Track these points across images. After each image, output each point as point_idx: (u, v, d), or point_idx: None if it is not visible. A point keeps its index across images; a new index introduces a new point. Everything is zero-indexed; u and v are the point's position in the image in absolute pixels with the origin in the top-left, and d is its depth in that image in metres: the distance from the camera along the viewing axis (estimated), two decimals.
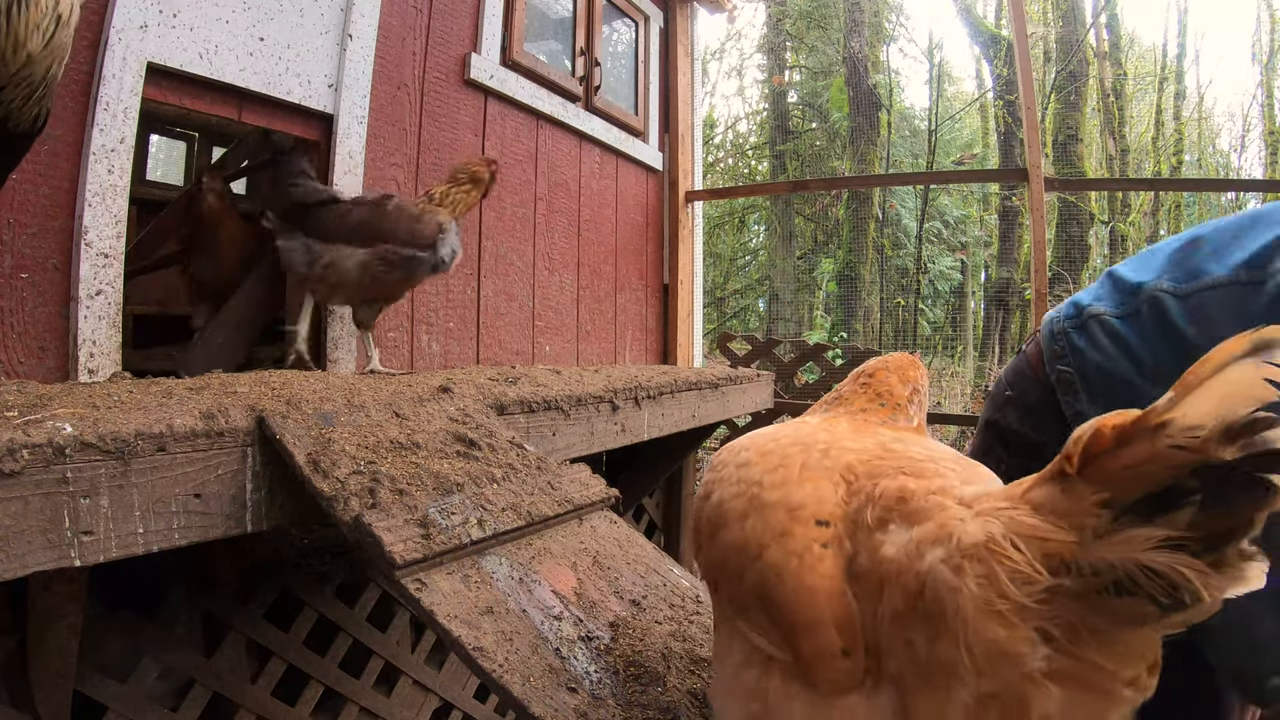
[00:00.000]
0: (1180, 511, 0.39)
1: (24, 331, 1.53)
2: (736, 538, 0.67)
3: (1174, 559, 0.39)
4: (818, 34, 13.18)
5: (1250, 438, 0.37)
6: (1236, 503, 0.38)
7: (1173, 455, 0.39)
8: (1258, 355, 0.38)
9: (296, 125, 2.15)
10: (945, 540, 0.50)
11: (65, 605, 1.33)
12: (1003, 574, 0.45)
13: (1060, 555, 0.44)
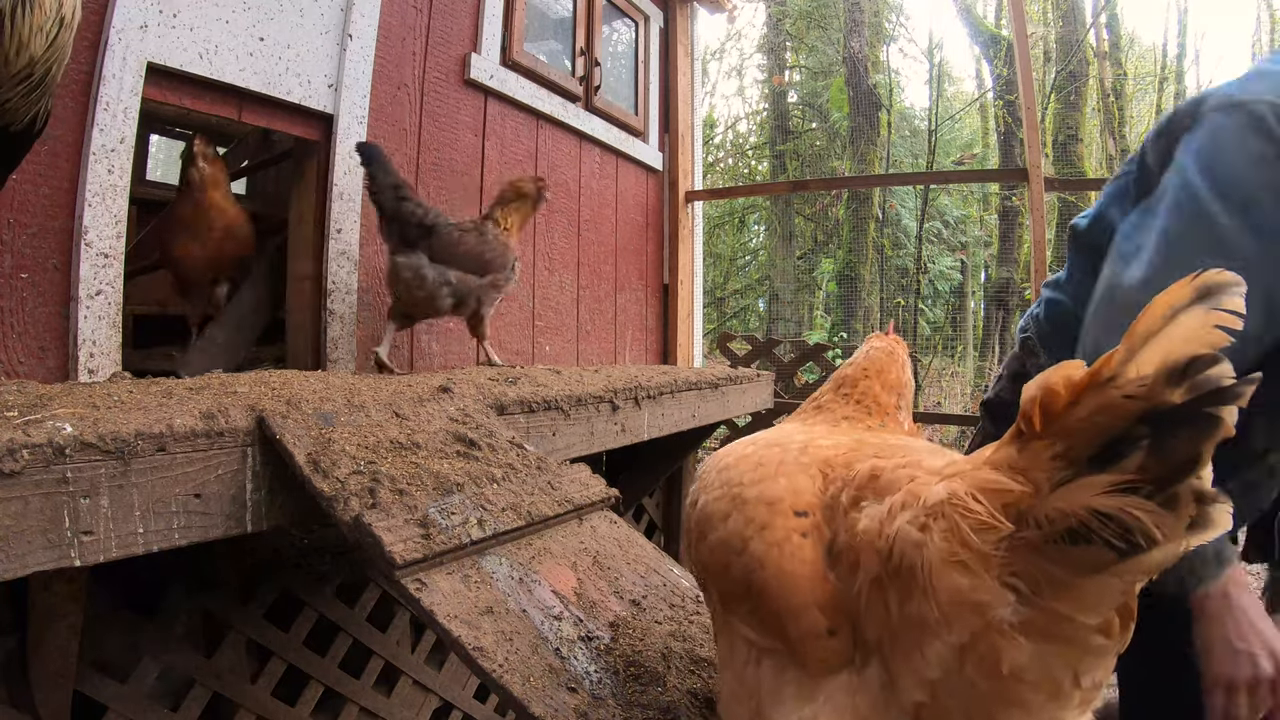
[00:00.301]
0: (1129, 458, 0.40)
1: (24, 331, 1.53)
2: (721, 536, 0.69)
3: (1122, 501, 0.40)
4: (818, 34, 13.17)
5: (1194, 378, 0.38)
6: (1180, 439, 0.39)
7: (1123, 405, 0.40)
8: (1203, 301, 0.39)
9: (296, 125, 2.15)
10: (913, 503, 0.52)
11: (65, 605, 1.33)
12: (964, 525, 0.46)
13: (1017, 506, 0.45)
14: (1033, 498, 0.44)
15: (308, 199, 2.24)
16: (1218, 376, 0.38)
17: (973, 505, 0.46)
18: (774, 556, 0.62)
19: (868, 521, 0.57)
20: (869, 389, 0.89)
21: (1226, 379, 0.38)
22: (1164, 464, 0.39)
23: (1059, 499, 0.43)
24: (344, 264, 2.23)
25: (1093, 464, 0.42)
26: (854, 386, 0.90)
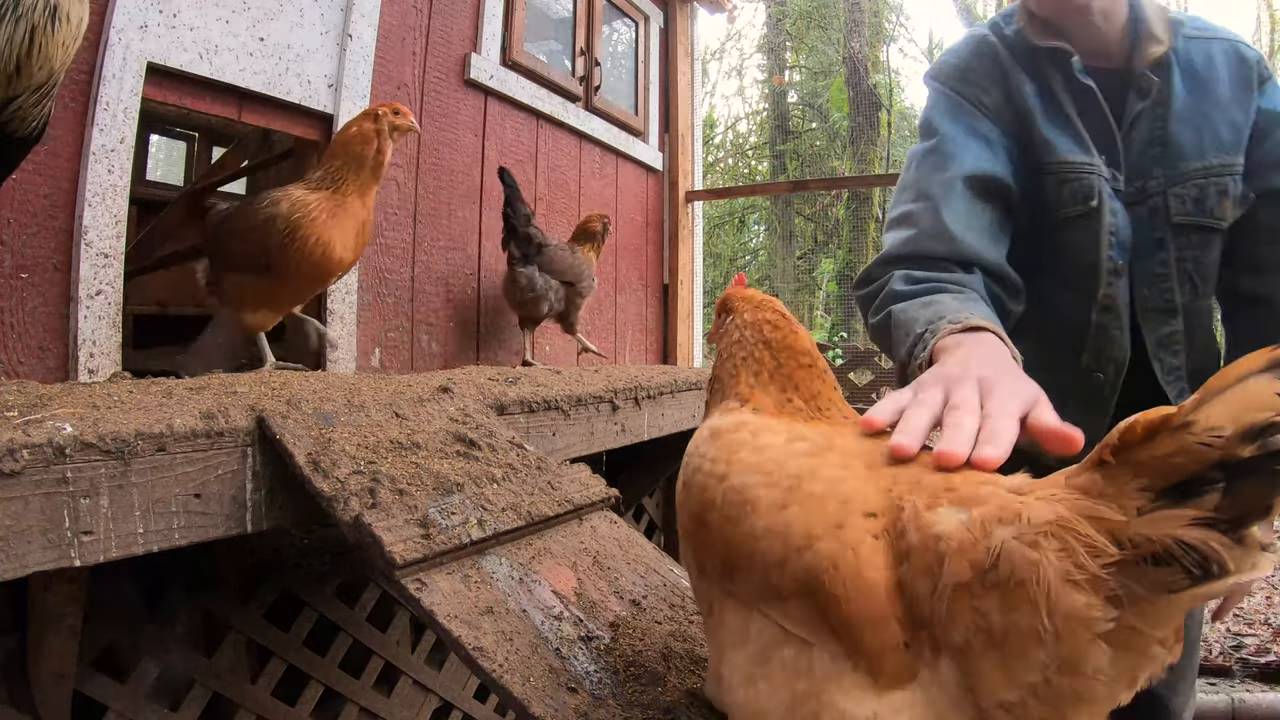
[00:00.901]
0: (1207, 496, 0.47)
1: (24, 331, 1.53)
2: (772, 525, 0.65)
3: (1206, 534, 0.47)
4: (818, 34, 13.18)
5: (1265, 440, 0.46)
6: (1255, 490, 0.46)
7: (1199, 451, 0.47)
8: (1272, 372, 0.47)
9: (297, 125, 2.15)
10: (1014, 519, 0.54)
11: (65, 605, 1.33)
12: (1079, 547, 0.50)
13: (1114, 531, 0.50)
14: (1125, 524, 0.50)
15: None
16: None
17: (1084, 529, 0.51)
18: (850, 560, 0.60)
19: (952, 526, 0.57)
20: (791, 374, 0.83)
21: None
22: (1240, 507, 0.46)
23: (1145, 526, 0.49)
24: None
25: (1170, 496, 0.49)
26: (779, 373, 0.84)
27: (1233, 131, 1.18)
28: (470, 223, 2.77)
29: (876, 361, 4.34)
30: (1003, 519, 0.55)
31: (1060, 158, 1.21)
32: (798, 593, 0.62)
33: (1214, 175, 1.17)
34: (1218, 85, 1.19)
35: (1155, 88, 1.19)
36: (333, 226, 1.66)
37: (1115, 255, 1.20)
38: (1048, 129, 1.22)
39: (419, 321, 2.52)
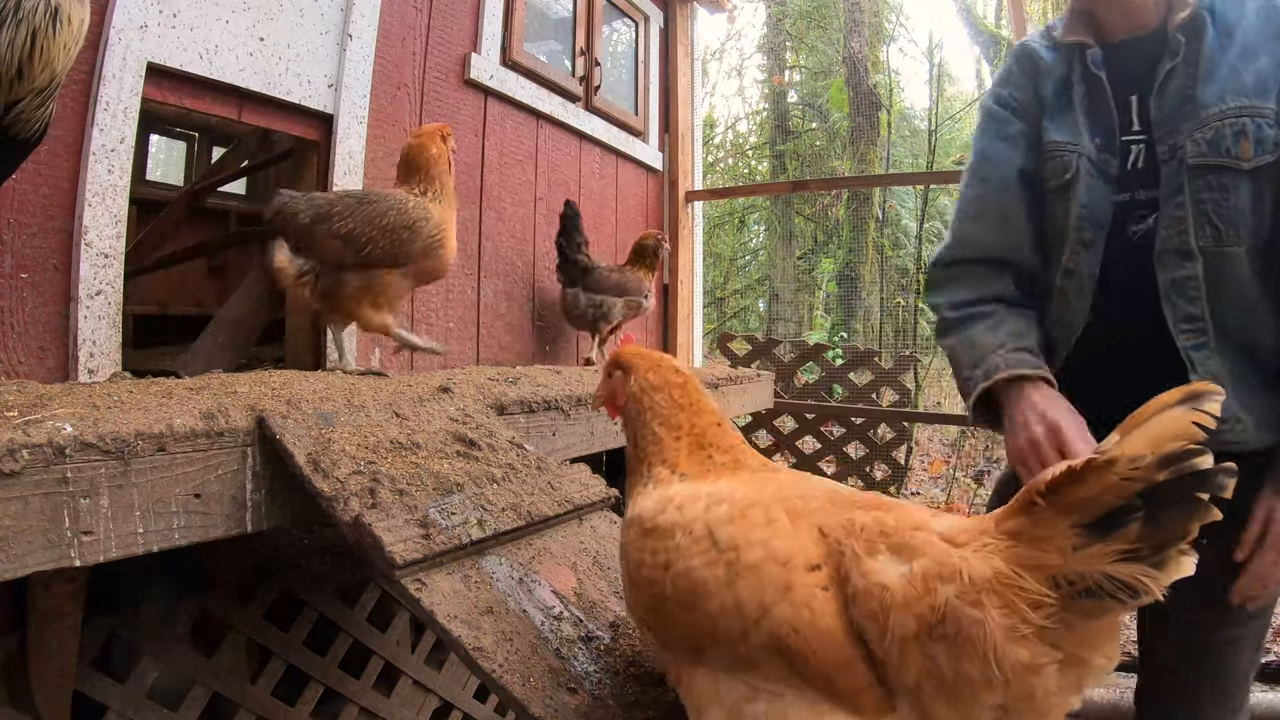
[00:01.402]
0: (1129, 527, 0.52)
1: (24, 331, 1.53)
2: (727, 603, 0.68)
3: (1133, 568, 0.52)
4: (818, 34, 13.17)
5: (1179, 465, 0.50)
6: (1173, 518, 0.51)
7: (1121, 486, 0.52)
8: (1187, 404, 0.52)
9: (297, 125, 2.15)
10: (954, 577, 0.59)
11: (65, 605, 1.33)
12: (1020, 603, 0.56)
13: (1051, 573, 0.55)
14: (1063, 564, 0.55)
15: None
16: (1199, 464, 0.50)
17: (1024, 584, 0.56)
18: (806, 618, 0.64)
19: (894, 578, 0.62)
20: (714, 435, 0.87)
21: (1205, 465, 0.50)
22: (1161, 536, 0.52)
23: (1079, 563, 0.54)
24: None
25: (1097, 529, 0.53)
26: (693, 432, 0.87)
27: (1256, 77, 1.16)
28: (470, 223, 2.77)
29: (876, 362, 4.34)
30: (943, 575, 0.59)
31: (1050, 139, 1.31)
32: (767, 657, 0.66)
33: (1230, 117, 1.15)
34: (1246, 34, 1.18)
35: (1182, 47, 1.20)
36: (454, 235, 1.92)
37: (1085, 227, 1.26)
38: (1050, 118, 1.33)
39: (419, 321, 2.52)
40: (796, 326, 11.91)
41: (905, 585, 0.61)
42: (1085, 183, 1.26)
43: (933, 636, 0.58)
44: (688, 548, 0.73)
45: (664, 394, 0.89)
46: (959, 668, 0.57)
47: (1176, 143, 1.20)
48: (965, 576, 0.58)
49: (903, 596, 0.60)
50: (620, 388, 0.94)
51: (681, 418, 0.87)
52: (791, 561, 0.67)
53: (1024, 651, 0.55)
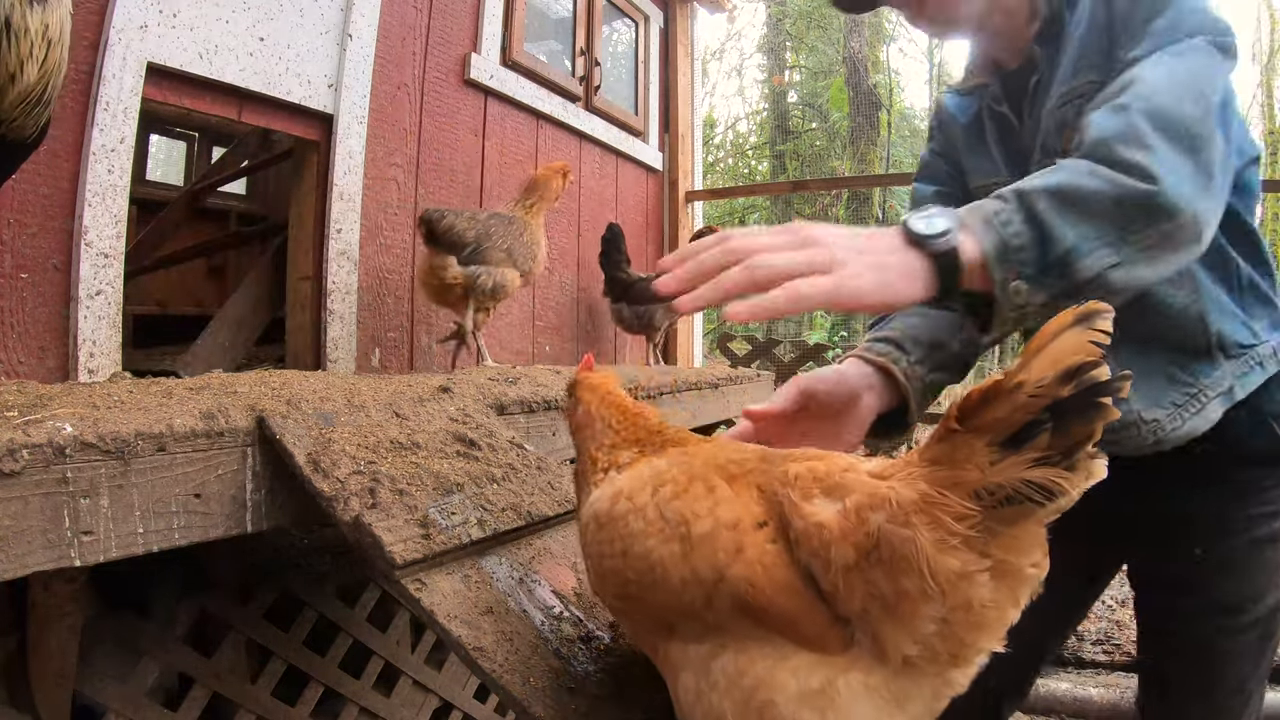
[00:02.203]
0: (1039, 437, 0.57)
1: (24, 331, 1.53)
2: (686, 575, 0.70)
3: (1045, 471, 0.57)
4: (818, 34, 13.17)
5: (1080, 377, 0.56)
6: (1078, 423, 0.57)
7: (1029, 403, 0.57)
8: (1081, 324, 0.57)
9: (297, 125, 2.15)
10: (883, 504, 0.64)
11: (65, 605, 1.33)
12: (945, 517, 0.60)
13: (973, 488, 0.60)
14: (981, 479, 0.60)
15: (308, 199, 2.24)
16: (1098, 375, 0.56)
17: (947, 501, 0.61)
18: (759, 573, 0.67)
19: (830, 515, 0.67)
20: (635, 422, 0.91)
21: (1104, 376, 0.56)
22: (1068, 440, 0.57)
23: (996, 475, 0.59)
24: (344, 264, 2.22)
25: (1009, 444, 0.59)
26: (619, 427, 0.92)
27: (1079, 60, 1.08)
28: None
29: None
30: (873, 505, 0.64)
31: (974, 183, 1.29)
32: (733, 618, 0.69)
33: (1055, 109, 1.10)
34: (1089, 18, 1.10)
35: (1039, 58, 1.15)
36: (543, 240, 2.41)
37: None
38: (968, 159, 1.31)
39: (419, 321, 2.53)
40: (796, 326, 11.92)
41: (840, 519, 0.66)
42: None
43: (870, 561, 0.63)
44: (642, 530, 0.76)
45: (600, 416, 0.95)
46: (898, 585, 0.62)
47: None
48: (893, 503, 0.63)
49: (839, 530, 0.65)
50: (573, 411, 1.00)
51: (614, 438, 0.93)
52: (740, 524, 0.70)
53: (954, 561, 0.60)
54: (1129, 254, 0.82)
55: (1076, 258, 0.80)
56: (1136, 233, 0.82)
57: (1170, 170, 0.82)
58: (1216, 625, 1.16)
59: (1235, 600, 1.14)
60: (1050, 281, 0.81)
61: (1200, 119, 0.88)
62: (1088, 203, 0.81)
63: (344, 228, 2.22)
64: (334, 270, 2.19)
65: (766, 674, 0.67)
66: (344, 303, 2.22)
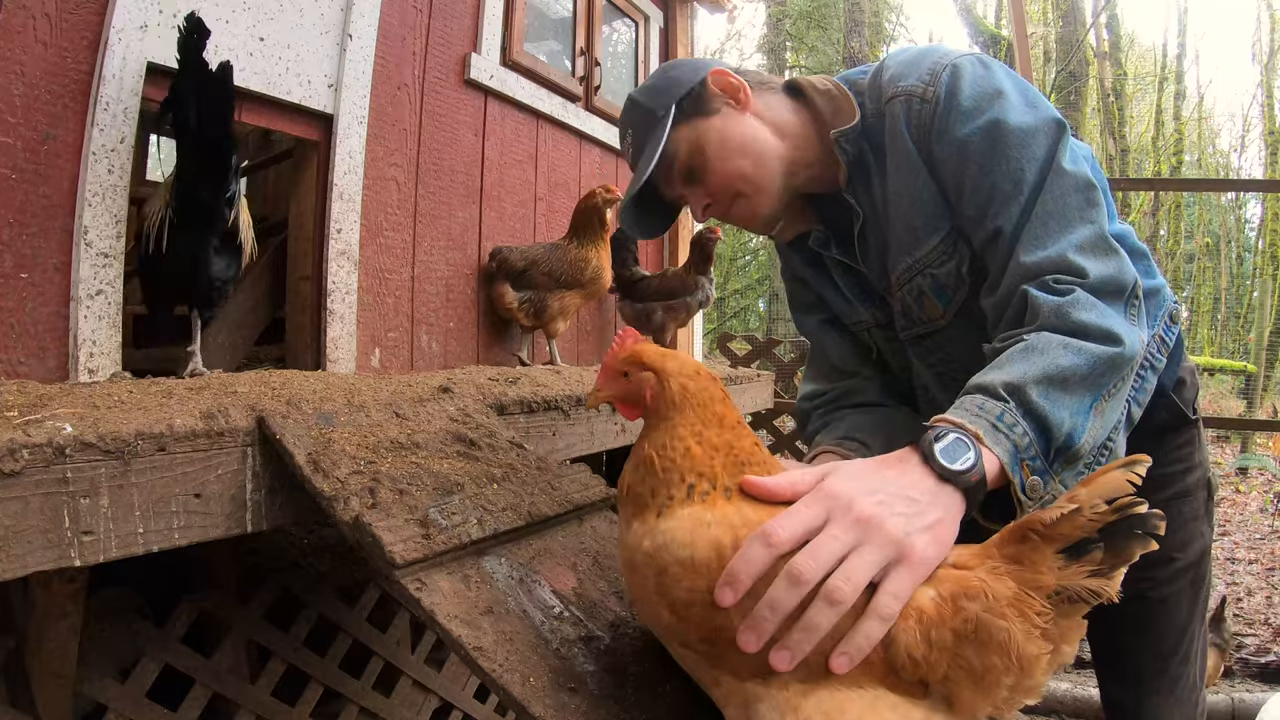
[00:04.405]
0: (1094, 553, 0.75)
1: (24, 331, 1.53)
2: None
3: (1100, 582, 0.75)
4: (818, 34, 13.17)
5: (1124, 508, 0.74)
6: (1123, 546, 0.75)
7: (1087, 524, 0.75)
8: (1124, 469, 0.75)
9: (297, 125, 2.15)
10: (979, 596, 0.77)
11: (65, 605, 1.33)
12: (1031, 614, 0.76)
13: (1047, 590, 0.76)
14: (1054, 584, 0.76)
15: (308, 199, 2.24)
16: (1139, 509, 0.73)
17: (1034, 601, 0.76)
18: None
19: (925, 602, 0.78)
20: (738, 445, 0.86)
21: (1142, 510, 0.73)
22: (1114, 559, 0.75)
23: (1064, 580, 0.76)
24: (344, 264, 2.23)
25: (1071, 554, 0.76)
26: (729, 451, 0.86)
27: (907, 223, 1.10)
28: (470, 223, 2.77)
29: None
30: (969, 595, 0.77)
31: (848, 320, 1.34)
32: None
33: (903, 283, 1.13)
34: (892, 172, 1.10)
35: (854, 207, 1.17)
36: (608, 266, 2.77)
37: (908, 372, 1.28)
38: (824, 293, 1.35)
39: (419, 321, 2.53)
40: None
41: (937, 606, 0.78)
42: (885, 349, 1.30)
43: (965, 640, 0.76)
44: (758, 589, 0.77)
45: (704, 408, 0.87)
46: (987, 662, 0.76)
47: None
48: (989, 595, 0.77)
49: (937, 615, 0.77)
50: (648, 389, 0.89)
51: (721, 436, 0.86)
52: None
53: (1034, 647, 0.76)
54: (1107, 407, 0.94)
55: (1074, 439, 0.90)
56: (1109, 387, 0.93)
57: (1120, 324, 0.93)
58: (1150, 578, 1.25)
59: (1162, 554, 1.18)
60: (1057, 466, 0.91)
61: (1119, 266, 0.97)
62: (1070, 379, 0.90)
63: (344, 228, 2.22)
64: (334, 270, 2.19)
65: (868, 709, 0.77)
66: (344, 303, 2.22)
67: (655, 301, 3.24)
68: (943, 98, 1.03)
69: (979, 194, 1.01)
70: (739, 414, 0.90)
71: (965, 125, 1.01)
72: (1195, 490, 1.28)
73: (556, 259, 2.65)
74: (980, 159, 1.00)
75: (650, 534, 0.83)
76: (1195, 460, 1.27)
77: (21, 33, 1.51)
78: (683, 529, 0.80)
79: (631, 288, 3.28)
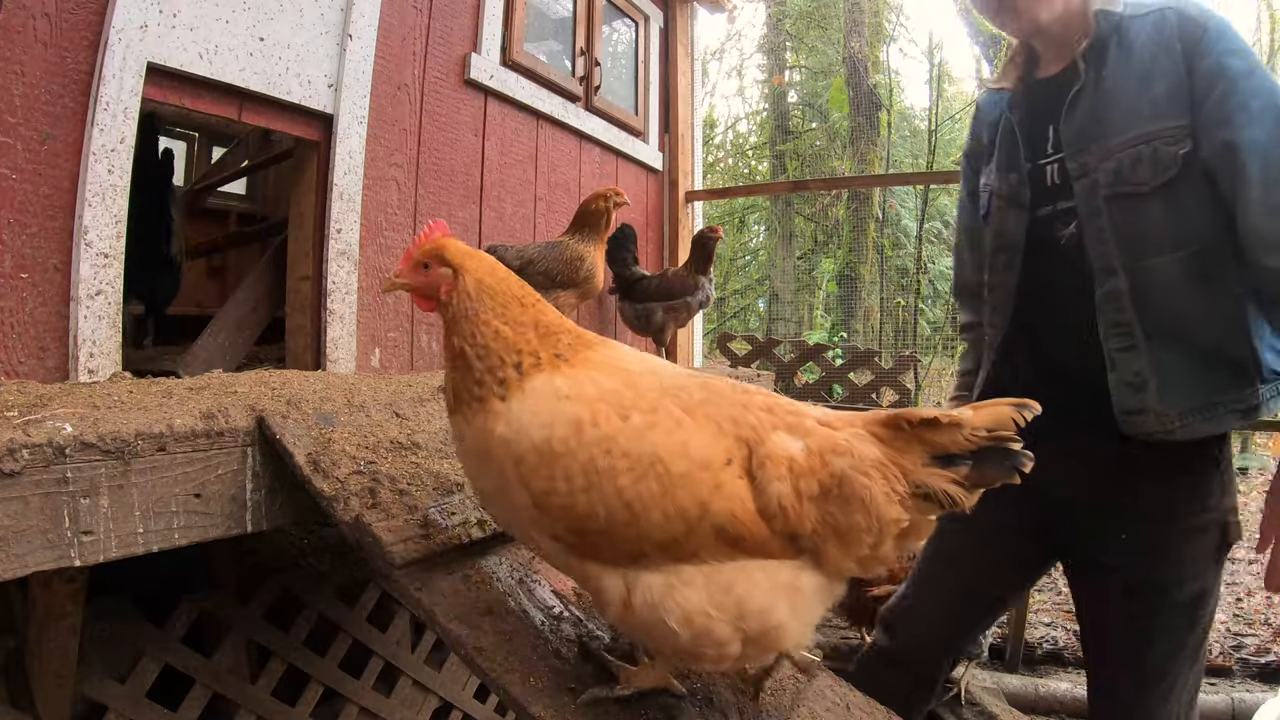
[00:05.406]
0: (961, 467, 0.82)
1: (24, 331, 1.53)
2: (669, 510, 0.80)
3: (957, 490, 0.82)
4: (818, 34, 13.16)
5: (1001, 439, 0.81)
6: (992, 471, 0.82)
7: (964, 441, 0.82)
8: (1016, 408, 0.81)
9: (297, 125, 2.15)
10: (847, 452, 0.83)
11: (65, 605, 1.33)
12: (894, 479, 0.83)
13: (908, 474, 0.83)
14: (915, 472, 0.83)
15: (308, 199, 2.23)
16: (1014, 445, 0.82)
17: (897, 470, 0.83)
18: (739, 506, 0.81)
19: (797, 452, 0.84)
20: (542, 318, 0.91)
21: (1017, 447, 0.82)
22: (980, 478, 0.82)
23: (925, 476, 0.83)
24: (344, 264, 2.22)
25: (940, 461, 0.83)
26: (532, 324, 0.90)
27: (1150, 103, 1.28)
28: (470, 222, 2.77)
29: (876, 362, 4.34)
30: (836, 451, 0.83)
31: (980, 183, 1.56)
32: (711, 544, 0.82)
33: (1129, 146, 1.29)
34: (1143, 60, 1.30)
35: (1084, 73, 1.34)
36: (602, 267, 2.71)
37: (1000, 250, 1.47)
38: (986, 162, 1.55)
39: (419, 321, 2.52)
40: (796, 326, 11.91)
41: (806, 456, 0.83)
42: (999, 215, 1.48)
43: (831, 496, 0.82)
44: (612, 468, 0.80)
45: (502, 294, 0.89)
46: (851, 520, 0.82)
47: (1086, 161, 1.33)
48: (855, 454, 0.83)
49: (807, 465, 0.83)
50: (446, 284, 0.91)
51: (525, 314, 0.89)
52: (712, 463, 0.82)
53: (893, 510, 0.82)
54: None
55: None
56: None
57: None
58: (1144, 604, 1.31)
59: (1160, 581, 1.30)
60: None
61: None
62: None
63: (344, 228, 2.22)
64: (334, 270, 2.19)
65: (743, 574, 0.82)
66: (344, 303, 2.22)
67: (655, 302, 3.25)
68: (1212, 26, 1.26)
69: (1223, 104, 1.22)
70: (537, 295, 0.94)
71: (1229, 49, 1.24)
72: (1206, 530, 1.30)
73: (553, 258, 2.65)
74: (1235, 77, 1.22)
75: (502, 418, 0.83)
76: (1211, 503, 1.31)
77: (21, 33, 1.51)
78: (540, 408, 0.81)
79: (631, 288, 3.29)
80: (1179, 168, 1.25)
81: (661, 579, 0.81)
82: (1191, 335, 1.27)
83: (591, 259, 2.67)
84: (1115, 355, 1.30)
